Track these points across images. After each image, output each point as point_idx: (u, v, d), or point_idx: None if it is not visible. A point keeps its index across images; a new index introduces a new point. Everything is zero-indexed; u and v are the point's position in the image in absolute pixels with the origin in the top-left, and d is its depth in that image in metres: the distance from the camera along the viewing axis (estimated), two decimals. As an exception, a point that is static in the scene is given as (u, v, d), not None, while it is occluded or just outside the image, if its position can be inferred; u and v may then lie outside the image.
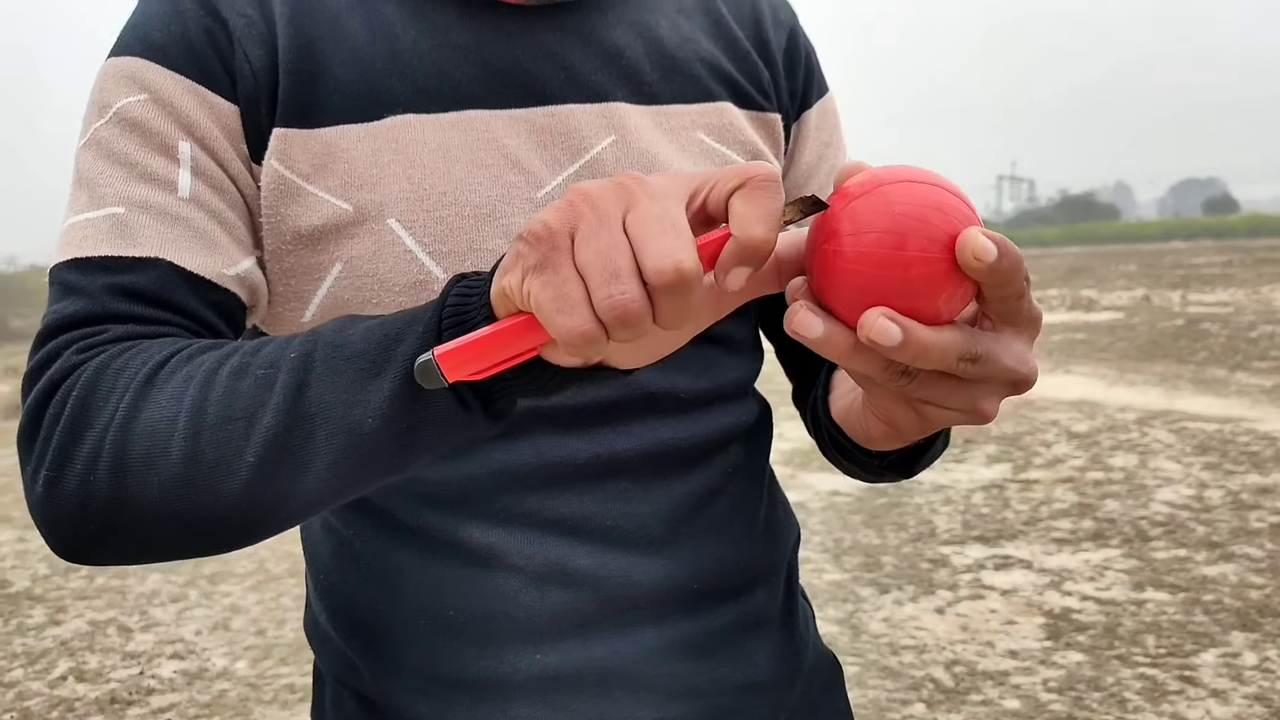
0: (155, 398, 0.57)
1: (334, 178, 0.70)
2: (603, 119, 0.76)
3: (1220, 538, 4.30)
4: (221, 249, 0.68)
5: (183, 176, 0.68)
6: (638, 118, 0.77)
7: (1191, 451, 5.82)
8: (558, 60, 0.76)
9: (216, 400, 0.56)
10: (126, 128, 0.68)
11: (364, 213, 0.70)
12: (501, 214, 0.72)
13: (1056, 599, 3.74)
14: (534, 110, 0.75)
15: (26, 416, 0.61)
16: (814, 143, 0.87)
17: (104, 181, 0.67)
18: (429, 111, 0.72)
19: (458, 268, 0.71)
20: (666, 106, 0.79)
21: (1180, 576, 3.88)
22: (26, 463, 0.60)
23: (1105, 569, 4.03)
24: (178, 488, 0.56)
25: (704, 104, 0.81)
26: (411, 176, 0.71)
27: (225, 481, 0.56)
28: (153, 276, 0.65)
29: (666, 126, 0.78)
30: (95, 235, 0.66)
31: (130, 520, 0.58)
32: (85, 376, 0.60)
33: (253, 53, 0.71)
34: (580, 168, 0.75)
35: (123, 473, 0.57)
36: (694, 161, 0.78)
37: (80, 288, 0.64)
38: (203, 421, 0.56)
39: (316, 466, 0.56)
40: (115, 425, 0.58)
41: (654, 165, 0.76)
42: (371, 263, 0.70)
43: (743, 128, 0.82)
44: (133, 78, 0.69)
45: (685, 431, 0.77)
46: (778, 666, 0.82)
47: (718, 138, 0.80)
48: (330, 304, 0.71)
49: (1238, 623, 3.40)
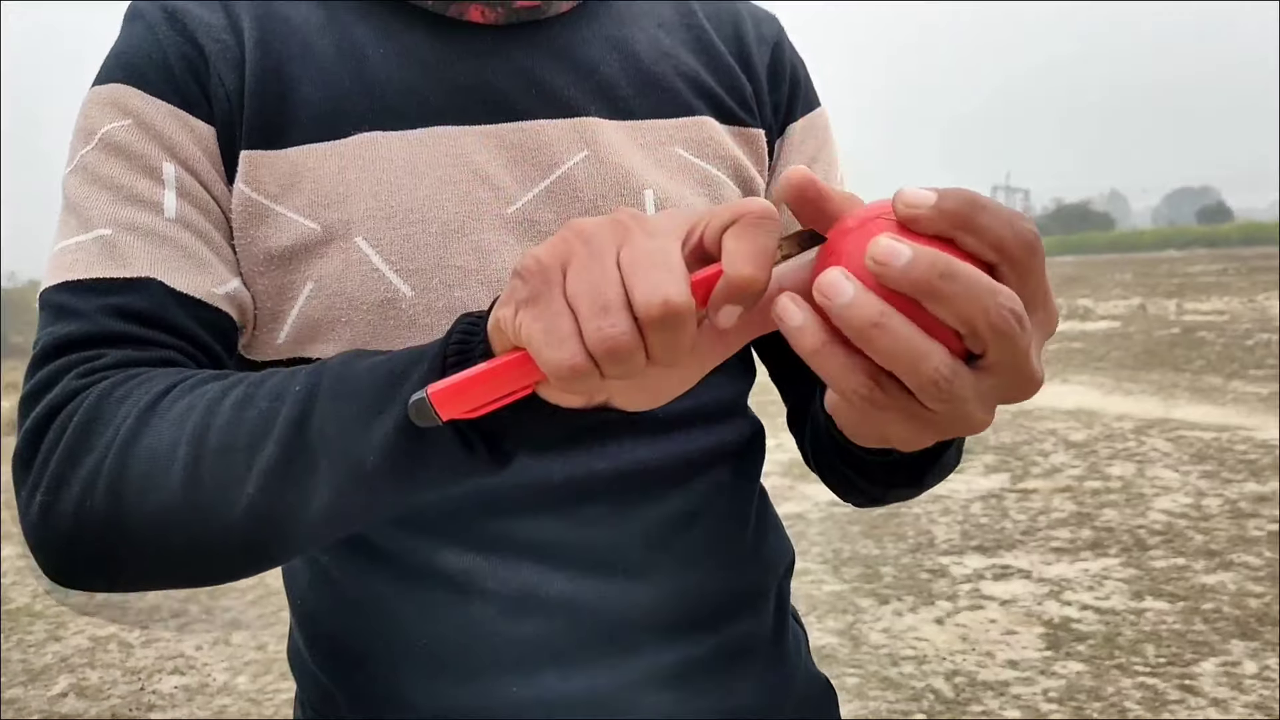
0: (156, 425, 0.57)
1: (301, 197, 0.71)
2: (574, 134, 0.75)
3: (1218, 546, 4.30)
4: (210, 268, 0.69)
5: (168, 197, 0.69)
6: (612, 133, 0.76)
7: (1189, 460, 5.83)
8: (528, 76, 0.76)
9: (219, 429, 0.56)
10: (111, 152, 0.69)
11: (332, 231, 0.70)
12: (470, 230, 0.72)
13: (1056, 609, 3.74)
14: (504, 126, 0.74)
15: (24, 440, 0.60)
16: (798, 157, 0.85)
17: (91, 205, 0.68)
18: (396, 128, 0.72)
19: (425, 285, 0.70)
20: (643, 121, 0.78)
21: (1179, 585, 3.89)
22: (22, 486, 0.60)
23: (1104, 578, 4.03)
24: (176, 515, 0.56)
25: (683, 118, 0.79)
26: (378, 194, 0.71)
27: (224, 511, 0.55)
28: (145, 296, 0.65)
29: (642, 141, 0.77)
30: (86, 258, 0.66)
31: (126, 546, 0.57)
32: (87, 403, 0.60)
33: (226, 76, 0.72)
34: (551, 183, 0.74)
35: (119, 496, 0.56)
36: (670, 176, 0.77)
37: (75, 309, 0.65)
38: (203, 449, 0.56)
39: (317, 501, 0.55)
40: (114, 450, 0.57)
41: (628, 181, 0.75)
42: (340, 281, 0.70)
43: (723, 142, 0.81)
44: (116, 104, 0.71)
45: (664, 452, 0.76)
46: (764, 696, 0.81)
47: (696, 152, 0.79)
48: (303, 323, 0.71)
49: (1237, 631, 3.41)
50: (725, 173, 0.80)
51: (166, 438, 0.57)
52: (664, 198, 0.76)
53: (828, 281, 0.44)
